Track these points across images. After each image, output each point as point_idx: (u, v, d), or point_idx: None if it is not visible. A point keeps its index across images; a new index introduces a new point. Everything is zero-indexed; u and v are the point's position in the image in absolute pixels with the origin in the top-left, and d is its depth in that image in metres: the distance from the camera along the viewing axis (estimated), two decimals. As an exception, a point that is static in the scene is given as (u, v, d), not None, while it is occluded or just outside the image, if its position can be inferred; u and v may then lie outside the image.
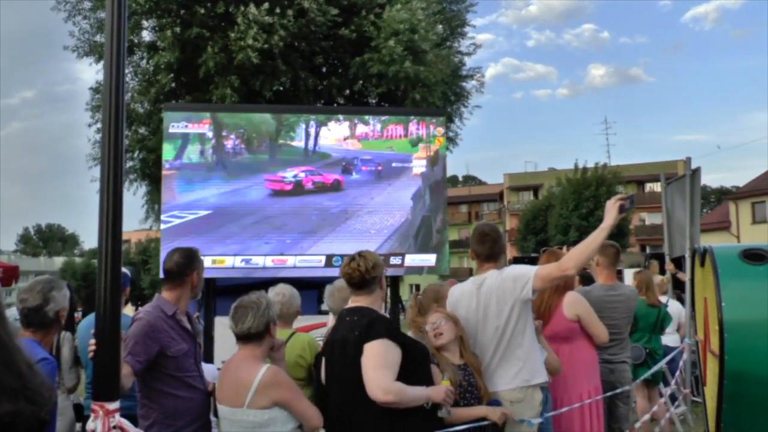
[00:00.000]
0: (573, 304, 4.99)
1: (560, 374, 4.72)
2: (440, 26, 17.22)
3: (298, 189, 10.10)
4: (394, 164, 10.60)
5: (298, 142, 10.52)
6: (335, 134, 10.66)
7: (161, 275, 4.64)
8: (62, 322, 3.60)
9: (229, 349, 3.77)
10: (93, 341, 2.98)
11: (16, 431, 2.25)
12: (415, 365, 3.53)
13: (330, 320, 5.46)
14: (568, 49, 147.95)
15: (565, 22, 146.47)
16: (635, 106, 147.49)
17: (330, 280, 5.62)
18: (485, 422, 3.81)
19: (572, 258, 4.04)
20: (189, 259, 3.96)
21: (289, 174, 10.15)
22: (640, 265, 13.22)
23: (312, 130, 10.71)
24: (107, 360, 2.82)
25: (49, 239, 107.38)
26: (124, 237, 3.06)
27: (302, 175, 10.20)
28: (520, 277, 4.11)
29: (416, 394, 3.41)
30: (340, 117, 10.73)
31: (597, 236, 4.00)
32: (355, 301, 3.73)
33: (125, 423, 2.81)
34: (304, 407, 3.44)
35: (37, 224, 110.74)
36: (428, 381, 3.58)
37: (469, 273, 52.52)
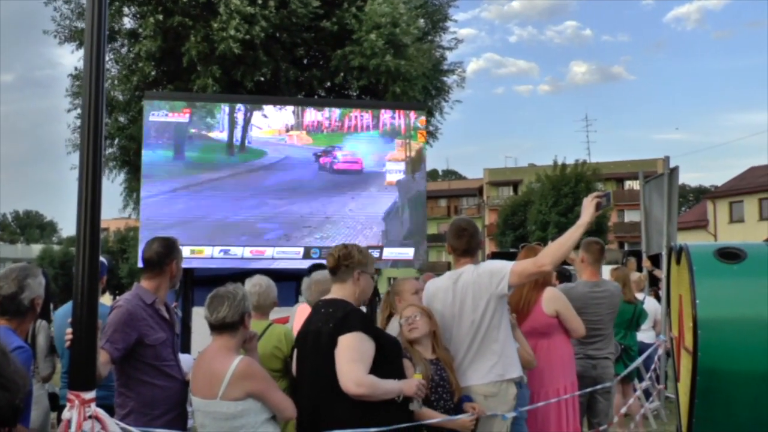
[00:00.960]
0: (552, 299, 5.02)
1: (537, 369, 4.77)
2: (422, 20, 17.24)
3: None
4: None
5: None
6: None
7: (140, 264, 4.62)
8: (37, 310, 3.57)
9: (206, 339, 3.77)
10: (70, 330, 2.97)
11: None
12: (388, 359, 3.54)
13: (293, 314, 5.45)
14: (551, 46, 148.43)
15: (547, 18, 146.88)
16: (616, 104, 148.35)
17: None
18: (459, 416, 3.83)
19: (549, 254, 4.07)
20: (168, 249, 3.96)
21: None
22: (618, 262, 13.31)
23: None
24: (84, 349, 2.81)
25: (26, 226, 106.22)
26: (103, 225, 3.04)
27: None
28: (497, 273, 4.14)
29: (388, 387, 3.43)
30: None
31: (574, 233, 4.04)
32: (333, 292, 3.75)
33: (101, 412, 2.81)
34: (278, 398, 3.45)
35: (14, 210, 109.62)
36: (400, 374, 3.60)
37: (447, 267, 52.58)
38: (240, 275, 4.82)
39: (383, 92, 15.17)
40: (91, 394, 2.77)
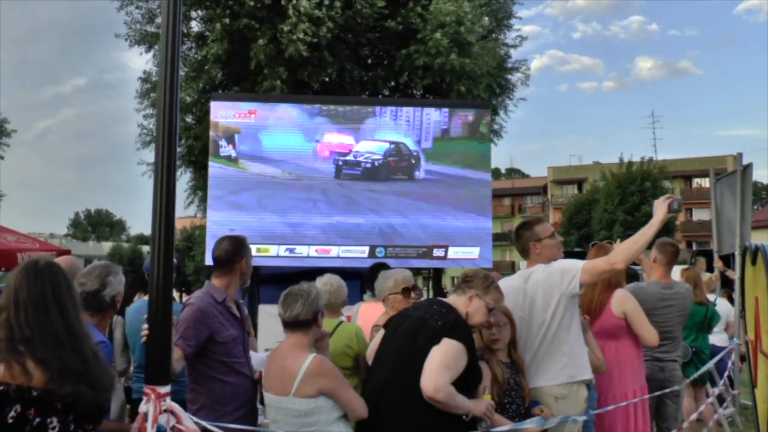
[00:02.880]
0: (621, 300, 4.87)
1: (606, 372, 4.66)
2: (486, 18, 17.13)
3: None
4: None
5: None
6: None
7: (206, 262, 4.70)
8: (117, 306, 3.70)
9: (272, 336, 3.81)
10: (146, 326, 3.04)
11: (77, 413, 2.35)
12: (467, 384, 3.50)
13: (354, 313, 5.46)
14: (615, 42, 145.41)
15: (612, 13, 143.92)
16: (683, 99, 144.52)
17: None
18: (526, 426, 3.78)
19: (621, 252, 4.00)
20: (238, 247, 4.00)
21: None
22: (686, 262, 13.01)
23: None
24: (159, 344, 2.87)
25: (97, 224, 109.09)
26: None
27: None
28: (568, 271, 4.07)
29: (461, 403, 3.39)
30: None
31: (646, 231, 3.96)
32: (449, 298, 3.80)
33: (176, 407, 2.86)
34: (350, 397, 3.46)
35: (86, 209, 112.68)
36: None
37: (512, 266, 52.18)
38: (306, 273, 4.86)
39: (448, 91, 15.13)
40: (166, 389, 2.83)
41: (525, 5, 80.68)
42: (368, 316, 4.95)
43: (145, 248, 62.61)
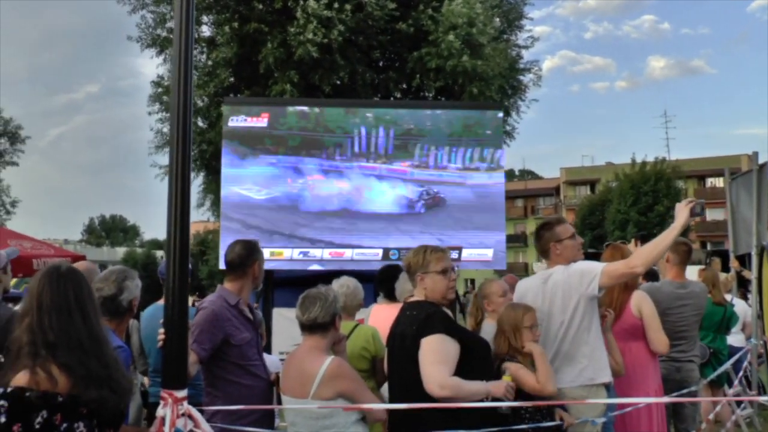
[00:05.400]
0: (639, 301, 4.84)
1: (626, 372, 4.61)
2: (497, 20, 17.10)
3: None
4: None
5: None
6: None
7: (220, 266, 4.72)
8: (134, 311, 3.72)
9: (287, 340, 3.81)
10: (162, 330, 3.03)
11: (100, 419, 2.36)
12: (476, 360, 3.49)
13: (367, 315, 5.45)
14: (627, 41, 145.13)
15: (623, 13, 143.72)
16: (696, 98, 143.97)
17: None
18: (548, 423, 3.76)
19: (641, 256, 3.95)
20: (250, 251, 4.01)
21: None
22: (701, 262, 12.92)
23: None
24: (175, 348, 2.86)
25: (111, 230, 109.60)
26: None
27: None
28: (587, 273, 4.04)
29: (474, 388, 3.37)
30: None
31: (668, 235, 3.91)
32: (416, 295, 3.73)
33: (193, 411, 2.85)
34: (368, 399, 3.46)
35: (101, 215, 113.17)
36: (489, 374, 3.54)
37: (525, 267, 52.04)
38: (320, 276, 4.86)
39: (459, 93, 15.10)
40: (183, 393, 2.82)
41: (536, 6, 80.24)
42: (380, 318, 4.93)
43: (159, 253, 62.83)
